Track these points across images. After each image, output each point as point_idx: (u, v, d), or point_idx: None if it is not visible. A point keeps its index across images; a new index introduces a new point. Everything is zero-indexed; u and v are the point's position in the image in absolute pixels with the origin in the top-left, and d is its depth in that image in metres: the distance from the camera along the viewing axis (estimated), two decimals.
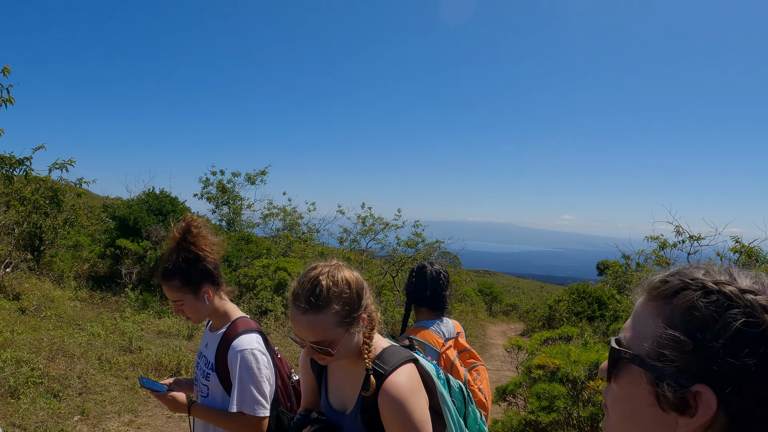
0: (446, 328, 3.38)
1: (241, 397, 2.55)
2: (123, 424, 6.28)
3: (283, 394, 2.79)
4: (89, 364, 7.70)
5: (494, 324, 22.84)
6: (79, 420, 6.24)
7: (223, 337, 2.69)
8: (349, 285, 2.00)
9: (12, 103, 7.67)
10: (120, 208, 14.53)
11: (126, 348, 8.61)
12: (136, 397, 6.97)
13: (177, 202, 14.78)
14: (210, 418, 2.67)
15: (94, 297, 11.90)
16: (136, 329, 9.65)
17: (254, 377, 2.57)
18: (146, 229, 13.46)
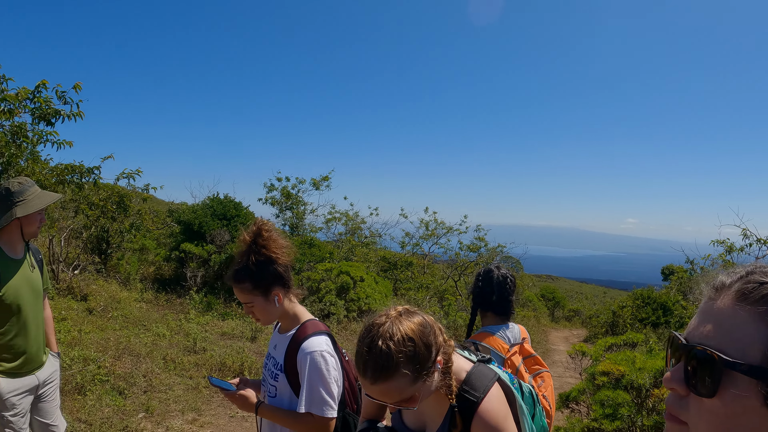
0: (512, 333, 3.35)
1: (310, 398, 2.56)
2: (186, 422, 6.30)
3: (350, 395, 2.78)
4: (154, 363, 7.78)
5: (556, 330, 22.44)
6: (144, 417, 6.28)
7: (292, 339, 2.70)
8: (413, 340, 1.89)
9: (81, 117, 8.04)
10: (185, 213, 14.74)
11: (190, 349, 8.68)
12: (199, 396, 7.00)
13: (241, 207, 14.93)
14: (277, 418, 2.68)
15: (160, 299, 12.08)
16: (201, 330, 9.73)
17: (323, 378, 2.58)
18: (210, 233, 13.62)
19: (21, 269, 3.73)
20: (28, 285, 3.77)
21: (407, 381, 1.86)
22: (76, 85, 7.94)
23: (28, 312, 3.75)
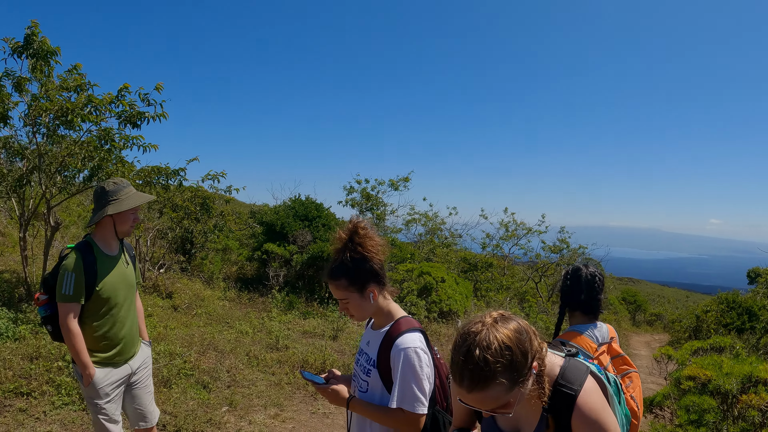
0: (600, 332, 3.31)
1: (402, 394, 2.58)
2: (269, 417, 6.35)
3: (441, 393, 2.78)
4: (238, 359, 7.89)
5: (638, 334, 21.82)
6: (227, 411, 6.35)
7: (386, 335, 2.72)
8: (510, 349, 1.88)
9: (166, 117, 8.24)
10: (267, 214, 14.97)
11: (273, 346, 8.77)
12: (282, 392, 7.05)
13: (322, 208, 15.05)
14: (368, 413, 2.72)
15: (242, 297, 12.27)
16: (283, 329, 9.82)
17: (416, 375, 2.60)
18: (292, 233, 13.77)
19: (117, 266, 3.93)
20: (124, 280, 3.97)
21: (504, 389, 1.87)
22: (157, 86, 8.13)
23: (122, 305, 3.95)
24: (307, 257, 13.08)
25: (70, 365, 6.72)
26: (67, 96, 8.26)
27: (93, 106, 8.06)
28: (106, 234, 3.90)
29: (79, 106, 8.00)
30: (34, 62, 8.20)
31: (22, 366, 6.65)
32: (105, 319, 3.85)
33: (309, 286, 13.17)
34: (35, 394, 6.15)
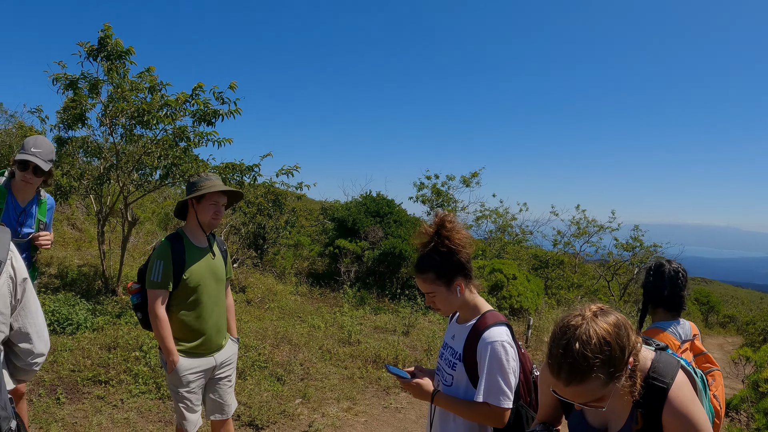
0: (683, 329, 3.26)
1: (488, 388, 2.56)
2: (341, 410, 6.31)
3: (524, 388, 2.76)
4: (311, 352, 7.91)
5: (710, 336, 21.05)
6: (301, 403, 6.35)
7: (472, 329, 2.71)
8: (609, 344, 1.86)
9: (240, 113, 8.41)
10: (339, 210, 15.01)
11: (345, 340, 8.75)
12: (354, 386, 7.00)
13: (393, 204, 15.00)
14: (452, 407, 2.71)
15: (314, 292, 12.32)
16: (354, 323, 9.81)
17: (502, 369, 2.58)
18: (364, 230, 13.76)
19: (205, 257, 4.02)
20: (211, 271, 4.04)
21: (600, 383, 1.86)
22: (231, 85, 8.31)
23: (208, 296, 4.02)
24: (379, 253, 13.03)
25: (146, 355, 6.82)
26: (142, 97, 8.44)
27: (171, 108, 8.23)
28: (193, 226, 4.01)
29: (154, 107, 8.17)
30: (109, 64, 8.39)
31: (100, 355, 6.78)
32: (191, 309, 3.94)
33: (380, 282, 13.13)
34: (113, 382, 6.27)
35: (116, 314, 8.31)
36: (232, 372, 4.28)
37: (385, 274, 13.33)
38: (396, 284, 12.98)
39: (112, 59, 8.38)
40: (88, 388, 6.15)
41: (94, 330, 7.57)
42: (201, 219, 3.96)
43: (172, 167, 8.79)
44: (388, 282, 13.15)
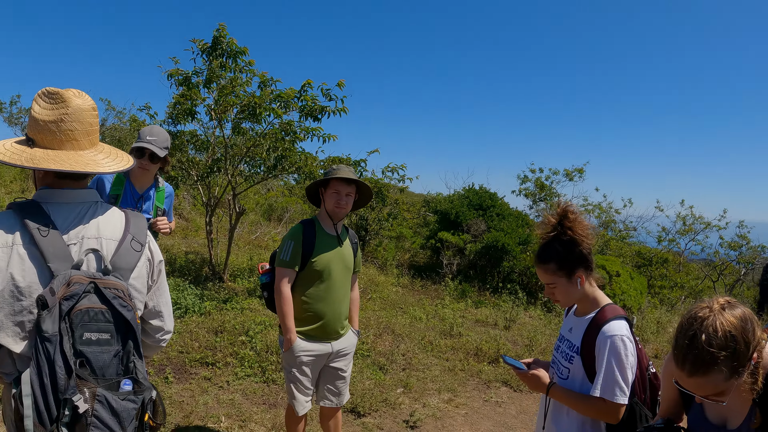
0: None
1: (606, 383, 2.54)
2: (442, 402, 6.27)
3: (640, 385, 2.69)
4: (413, 343, 7.91)
5: None
6: (402, 392, 6.35)
7: (592, 322, 2.68)
8: (735, 338, 1.83)
9: (346, 112, 8.52)
10: (441, 203, 14.97)
11: (446, 332, 8.70)
12: (456, 378, 6.94)
13: (496, 198, 14.82)
14: (568, 400, 2.70)
15: (415, 284, 12.30)
16: (456, 316, 9.74)
17: (621, 364, 2.54)
18: (466, 222, 13.66)
19: (334, 244, 4.10)
20: (339, 258, 4.10)
21: (723, 377, 1.84)
22: (339, 83, 8.46)
23: (334, 282, 4.08)
24: (481, 246, 12.89)
25: (252, 340, 6.97)
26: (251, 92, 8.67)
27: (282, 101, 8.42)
28: (323, 213, 4.11)
29: (265, 101, 8.37)
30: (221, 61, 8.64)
31: (207, 338, 6.97)
32: (314, 292, 4.03)
33: (481, 276, 12.99)
34: (219, 364, 6.43)
35: (222, 300, 8.52)
36: (348, 363, 4.32)
37: (486, 268, 13.18)
38: (497, 278, 12.82)
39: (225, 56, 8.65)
40: (195, 369, 6.34)
41: (201, 314, 7.80)
42: (326, 206, 4.05)
43: (282, 159, 8.99)
44: (489, 276, 13.00)
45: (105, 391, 1.90)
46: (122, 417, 1.92)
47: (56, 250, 2.01)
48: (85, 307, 1.89)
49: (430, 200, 16.99)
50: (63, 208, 2.11)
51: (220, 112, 8.95)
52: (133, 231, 2.21)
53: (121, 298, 1.97)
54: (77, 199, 2.15)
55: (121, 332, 1.96)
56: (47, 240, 2.01)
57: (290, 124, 8.70)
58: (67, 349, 1.84)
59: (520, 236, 12.99)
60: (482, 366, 7.35)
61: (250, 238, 14.71)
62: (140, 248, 2.21)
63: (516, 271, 12.58)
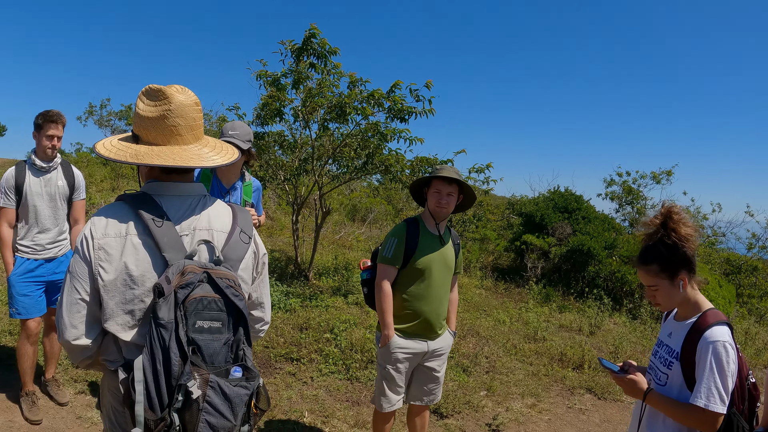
0: None
1: (707, 391, 2.46)
2: (525, 406, 6.20)
3: (739, 394, 2.61)
4: (497, 346, 7.86)
5: None
6: (485, 395, 6.32)
7: (693, 327, 2.61)
8: None
9: (433, 113, 8.51)
10: (526, 205, 14.84)
11: (530, 336, 8.61)
12: (539, 383, 6.86)
13: (582, 201, 14.57)
14: (665, 408, 2.63)
15: (498, 287, 12.21)
16: (540, 320, 9.62)
17: (722, 371, 2.46)
18: (551, 225, 13.49)
19: (436, 244, 4.13)
20: (441, 258, 4.13)
21: None
22: (427, 83, 8.45)
23: (434, 282, 4.11)
24: (566, 250, 12.69)
25: (337, 338, 7.06)
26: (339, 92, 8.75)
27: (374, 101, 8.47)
28: (426, 212, 4.16)
29: (353, 101, 8.44)
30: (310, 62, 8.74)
31: (292, 334, 7.10)
32: (415, 291, 4.07)
33: (565, 280, 12.77)
34: (304, 360, 6.54)
35: (307, 297, 8.65)
36: (442, 363, 4.34)
37: (571, 272, 12.96)
38: (582, 282, 12.58)
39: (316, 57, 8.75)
40: (279, 365, 6.47)
41: (287, 311, 7.94)
42: (428, 205, 4.10)
43: (372, 157, 9.05)
44: (573, 280, 12.78)
45: (217, 378, 1.94)
46: (234, 403, 1.97)
47: (170, 241, 2.08)
48: (199, 296, 1.93)
49: (515, 202, 16.85)
50: (174, 200, 2.18)
51: (307, 113, 9.08)
52: (241, 224, 2.27)
53: (233, 288, 2.02)
54: (186, 192, 2.23)
55: (232, 321, 2.01)
56: (161, 230, 2.08)
57: (377, 125, 8.74)
58: (182, 336, 1.90)
59: (606, 240, 12.72)
60: (566, 372, 7.24)
61: (334, 237, 14.90)
62: (248, 240, 2.27)
63: (601, 276, 12.31)
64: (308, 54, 8.71)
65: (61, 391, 5.37)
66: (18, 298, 4.89)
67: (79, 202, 5.23)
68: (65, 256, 5.16)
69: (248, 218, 2.34)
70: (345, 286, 9.79)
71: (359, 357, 6.68)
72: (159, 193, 2.19)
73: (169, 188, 2.21)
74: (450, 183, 3.98)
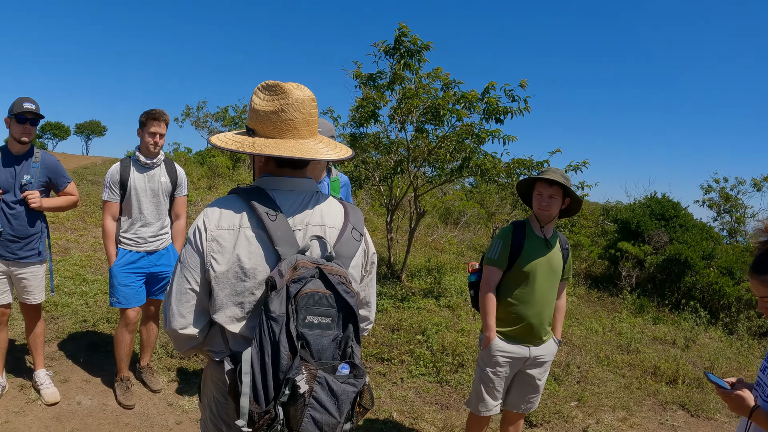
0: None
1: None
2: (617, 420, 6.13)
3: None
4: (589, 356, 7.80)
5: None
6: (576, 406, 6.29)
7: None
8: None
9: (529, 111, 8.48)
10: (622, 212, 14.53)
11: (623, 347, 8.48)
12: (631, 396, 6.77)
13: (679, 208, 14.17)
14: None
15: (591, 295, 12.06)
16: (634, 332, 9.45)
17: None
18: (647, 233, 13.18)
19: (543, 248, 4.07)
20: (546, 263, 4.07)
21: None
22: (522, 83, 8.45)
23: (539, 286, 4.06)
24: (662, 259, 12.38)
25: (429, 340, 7.15)
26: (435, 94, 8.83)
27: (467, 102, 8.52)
28: (533, 216, 4.11)
29: (447, 103, 8.50)
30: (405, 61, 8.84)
31: (384, 335, 7.23)
32: (519, 294, 4.04)
33: (660, 290, 12.47)
34: (394, 361, 6.66)
35: (400, 298, 8.77)
36: (543, 372, 4.30)
37: (666, 282, 12.64)
38: (678, 294, 12.25)
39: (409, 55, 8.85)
40: (370, 364, 6.60)
41: (378, 311, 8.06)
42: (533, 208, 4.09)
43: (467, 160, 9.10)
44: (668, 291, 12.46)
45: (325, 374, 1.95)
46: (341, 400, 1.97)
47: (283, 235, 2.09)
48: (310, 291, 1.94)
49: (609, 209, 16.54)
50: (287, 195, 2.21)
51: (402, 114, 9.20)
52: (353, 221, 2.27)
53: (344, 284, 2.02)
54: (299, 188, 2.25)
55: (342, 317, 2.02)
56: (275, 224, 2.09)
57: (471, 126, 8.79)
58: (293, 330, 1.91)
59: (704, 250, 12.34)
60: (659, 386, 7.11)
61: (427, 240, 15.00)
62: (359, 238, 2.26)
63: (698, 287, 11.95)
64: (401, 53, 8.81)
65: (155, 378, 5.68)
66: (119, 288, 5.16)
67: (181, 198, 5.51)
68: (166, 249, 5.44)
69: (360, 216, 2.34)
70: (437, 289, 9.88)
71: (450, 360, 6.75)
72: (272, 187, 2.21)
73: (282, 183, 2.22)
74: (551, 185, 3.94)
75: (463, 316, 8.54)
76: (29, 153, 4.89)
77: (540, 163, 9.32)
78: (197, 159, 26.03)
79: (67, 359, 6.03)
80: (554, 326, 4.35)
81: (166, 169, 5.33)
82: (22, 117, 4.69)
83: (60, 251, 10.18)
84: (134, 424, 4.95)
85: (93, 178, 20.78)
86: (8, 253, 4.83)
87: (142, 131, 5.11)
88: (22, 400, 5.09)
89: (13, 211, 4.79)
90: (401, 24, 8.67)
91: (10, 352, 5.74)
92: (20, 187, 4.79)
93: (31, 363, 5.75)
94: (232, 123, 31.65)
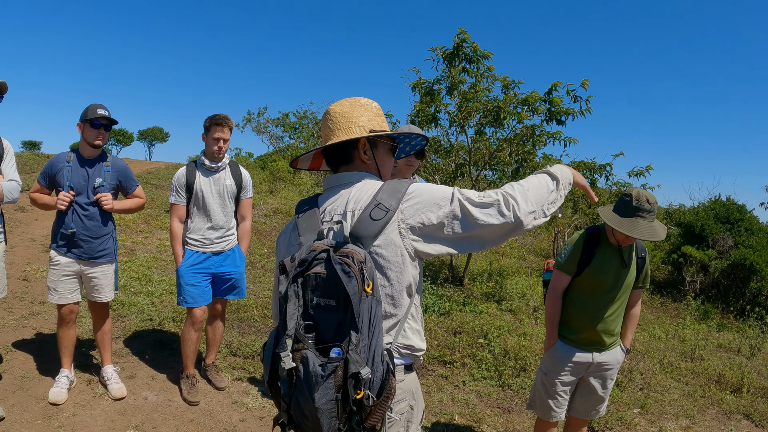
0: None
1: None
2: (680, 428, 6.10)
3: None
4: (652, 362, 7.75)
5: None
6: (638, 413, 6.28)
7: None
8: None
9: (590, 112, 8.38)
10: (686, 215, 14.31)
11: (687, 355, 8.40)
12: (695, 404, 6.72)
13: (745, 211, 13.87)
14: None
15: (654, 301, 11.94)
16: (698, 338, 9.35)
17: None
18: (712, 237, 12.96)
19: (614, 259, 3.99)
20: (617, 272, 4.00)
21: None
22: (583, 83, 8.40)
23: (607, 294, 4.01)
24: (727, 264, 12.16)
25: (491, 344, 7.21)
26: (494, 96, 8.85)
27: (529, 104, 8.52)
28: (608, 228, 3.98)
29: (508, 105, 8.51)
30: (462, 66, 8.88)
31: (446, 338, 7.32)
32: (586, 301, 4.01)
33: (725, 296, 12.25)
34: (456, 364, 6.75)
35: (461, 302, 8.84)
36: (608, 381, 4.24)
37: (731, 288, 12.40)
38: (743, 300, 12.02)
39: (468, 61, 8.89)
40: (432, 367, 6.70)
41: (441, 314, 8.17)
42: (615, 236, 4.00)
43: (524, 162, 9.11)
44: (733, 297, 12.23)
45: (310, 353, 1.93)
46: (311, 383, 1.89)
47: (308, 226, 2.21)
48: (314, 272, 1.98)
49: (672, 212, 16.30)
50: (327, 192, 2.36)
51: (462, 118, 9.26)
52: (381, 197, 2.16)
53: (346, 265, 1.94)
54: (336, 182, 2.34)
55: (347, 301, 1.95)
56: (302, 218, 2.26)
57: (532, 128, 8.79)
58: (290, 311, 1.97)
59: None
60: (724, 395, 7.04)
61: None
62: (381, 216, 2.12)
63: (764, 293, 11.71)
64: (460, 59, 8.86)
65: (220, 376, 5.89)
66: (186, 288, 5.37)
67: (246, 200, 5.70)
68: (232, 250, 5.64)
69: (396, 187, 2.18)
70: (498, 293, 9.92)
71: (512, 364, 6.80)
72: (326, 186, 2.38)
73: (330, 180, 2.36)
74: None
75: (525, 320, 8.58)
76: (101, 157, 5.18)
77: (603, 166, 9.27)
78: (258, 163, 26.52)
79: (133, 356, 6.30)
80: (624, 334, 4.29)
81: (231, 172, 5.54)
82: (97, 123, 4.98)
83: (126, 252, 10.56)
84: (198, 420, 5.14)
85: (157, 182, 21.45)
86: (81, 252, 5.10)
87: (206, 136, 5.34)
88: (89, 395, 5.35)
89: (86, 212, 5.06)
90: (461, 29, 8.71)
91: (77, 348, 6.04)
92: (93, 189, 5.08)
93: (98, 359, 6.02)
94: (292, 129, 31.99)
